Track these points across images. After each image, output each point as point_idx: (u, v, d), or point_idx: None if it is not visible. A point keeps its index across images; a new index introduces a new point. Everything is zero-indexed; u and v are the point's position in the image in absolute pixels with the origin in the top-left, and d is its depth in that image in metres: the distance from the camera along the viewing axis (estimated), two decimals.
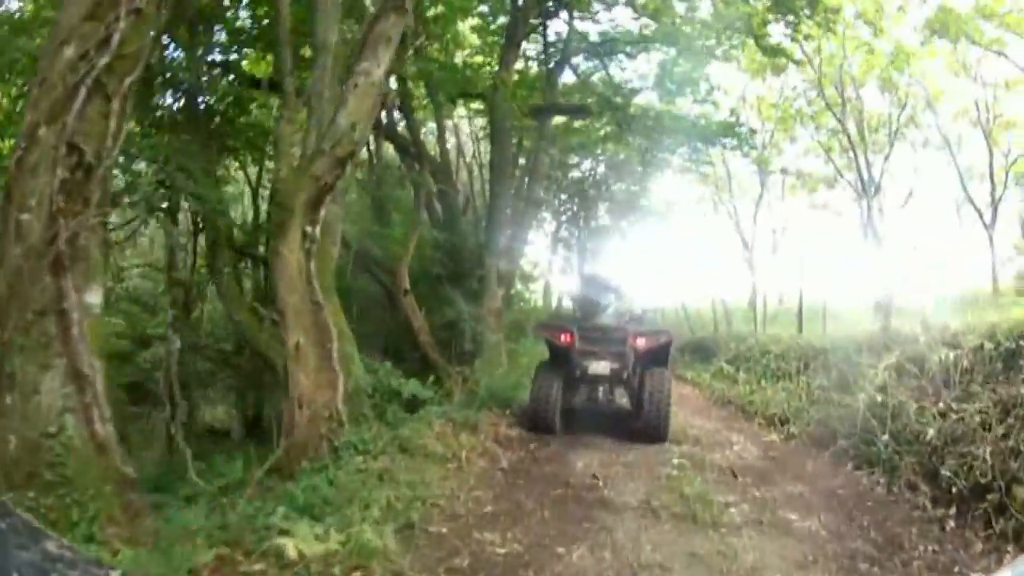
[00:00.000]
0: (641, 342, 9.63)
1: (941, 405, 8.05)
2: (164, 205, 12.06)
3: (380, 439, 7.51)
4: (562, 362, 9.76)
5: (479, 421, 8.68)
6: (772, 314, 17.25)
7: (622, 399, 10.29)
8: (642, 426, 9.20)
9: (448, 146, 20.11)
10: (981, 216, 23.16)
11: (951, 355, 8.51)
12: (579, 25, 17.29)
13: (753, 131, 21.40)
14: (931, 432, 7.48)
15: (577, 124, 20.57)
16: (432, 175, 15.06)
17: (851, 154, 23.46)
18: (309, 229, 7.88)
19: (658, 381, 9.31)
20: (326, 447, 7.27)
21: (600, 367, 9.46)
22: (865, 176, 23.06)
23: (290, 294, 7.65)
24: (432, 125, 18.15)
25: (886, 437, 7.98)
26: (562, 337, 9.71)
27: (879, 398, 8.55)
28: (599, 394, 10.16)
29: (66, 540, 1.23)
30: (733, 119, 20.56)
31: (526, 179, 17.41)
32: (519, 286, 18.27)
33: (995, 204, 22.88)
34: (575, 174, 23.88)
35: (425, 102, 17.14)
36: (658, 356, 9.94)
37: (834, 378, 10.18)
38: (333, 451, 7.18)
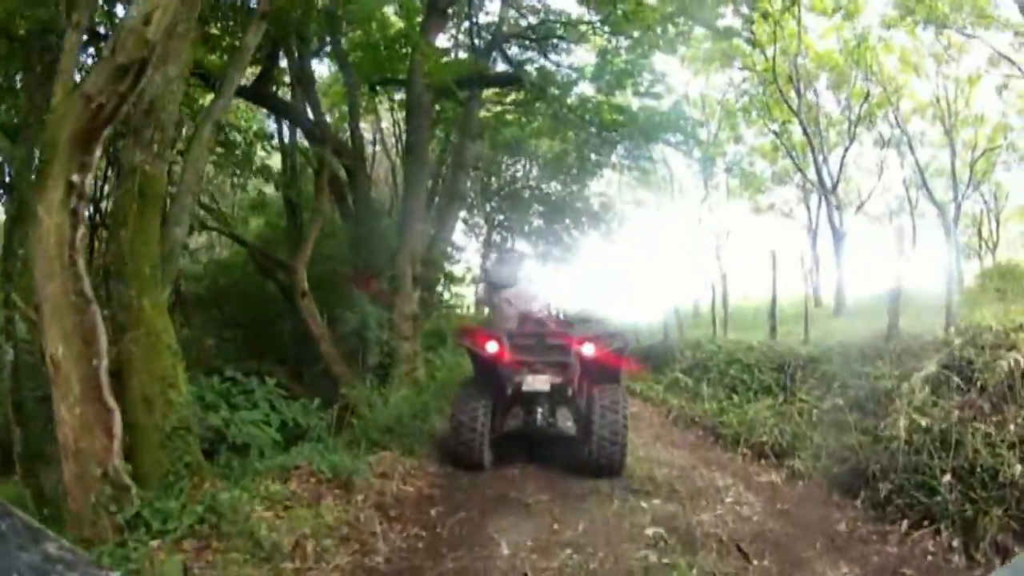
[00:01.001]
0: (588, 349, 6.85)
1: (1014, 428, 5.30)
2: None
3: (192, 511, 4.48)
4: (490, 378, 7.02)
5: (359, 471, 5.48)
6: (732, 316, 14.45)
7: (567, 422, 7.34)
8: (592, 457, 6.54)
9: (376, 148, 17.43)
10: (943, 213, 21.08)
11: (1014, 360, 5.85)
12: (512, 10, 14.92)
13: (700, 123, 19.17)
14: (1016, 468, 4.86)
15: (510, 116, 17.73)
16: (339, 155, 11.97)
17: (806, 149, 21.10)
18: (76, 178, 4.80)
19: (610, 400, 6.72)
20: (108, 524, 4.34)
21: (538, 383, 6.74)
22: (823, 172, 20.63)
23: (48, 280, 4.64)
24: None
25: (949, 478, 5.20)
26: (488, 346, 6.90)
27: (923, 422, 5.75)
28: (537, 417, 7.03)
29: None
30: (678, 112, 18.19)
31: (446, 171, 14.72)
32: (442, 289, 15.14)
33: (959, 201, 20.83)
34: (507, 174, 21.02)
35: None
36: (609, 368, 7.20)
37: (839, 394, 7.36)
38: (117, 530, 4.29)
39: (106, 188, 10.78)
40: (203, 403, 6.54)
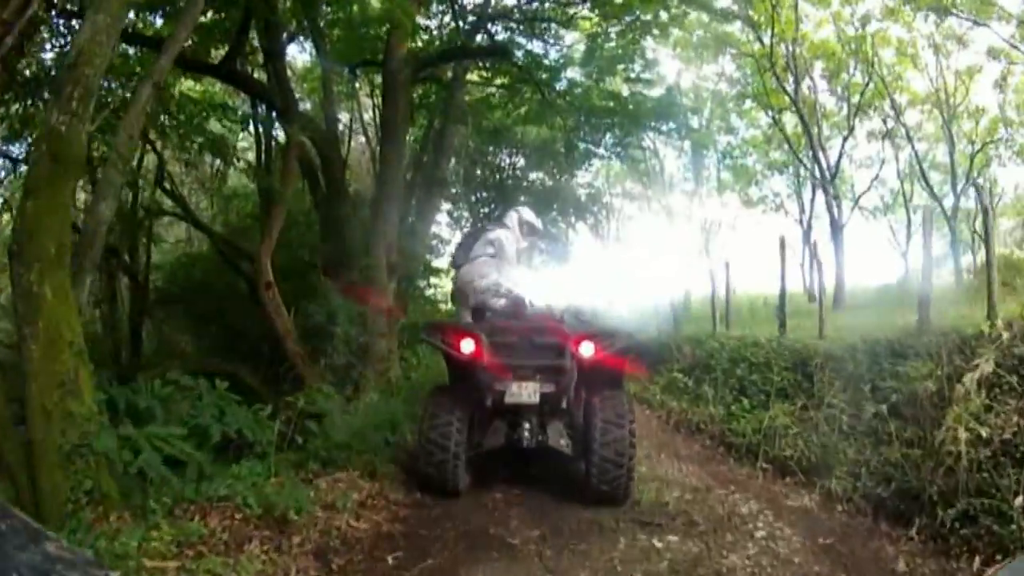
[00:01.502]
0: (587, 349, 5.49)
1: None
2: None
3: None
4: (466, 384, 5.71)
5: (299, 503, 4.26)
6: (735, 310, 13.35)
7: (560, 439, 5.62)
8: (592, 482, 5.24)
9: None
10: (941, 206, 20.09)
11: None
12: None
13: (694, 110, 18.12)
14: None
15: (495, 101, 16.50)
16: (311, 136, 10.79)
17: (800, 140, 20.08)
18: None
19: (614, 412, 5.39)
20: None
21: (525, 392, 5.36)
22: (821, 161, 19.52)
23: None
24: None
25: (1021, 500, 4.13)
26: (463, 345, 5.52)
27: (983, 432, 4.67)
28: (524, 434, 5.50)
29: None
30: (670, 98, 17.20)
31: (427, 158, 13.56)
32: (424, 283, 13.95)
33: (958, 194, 19.82)
34: (493, 163, 19.73)
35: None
36: (610, 372, 5.90)
37: (871, 398, 6.26)
38: None
39: None
40: (132, 412, 5.38)
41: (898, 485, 5.01)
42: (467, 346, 5.43)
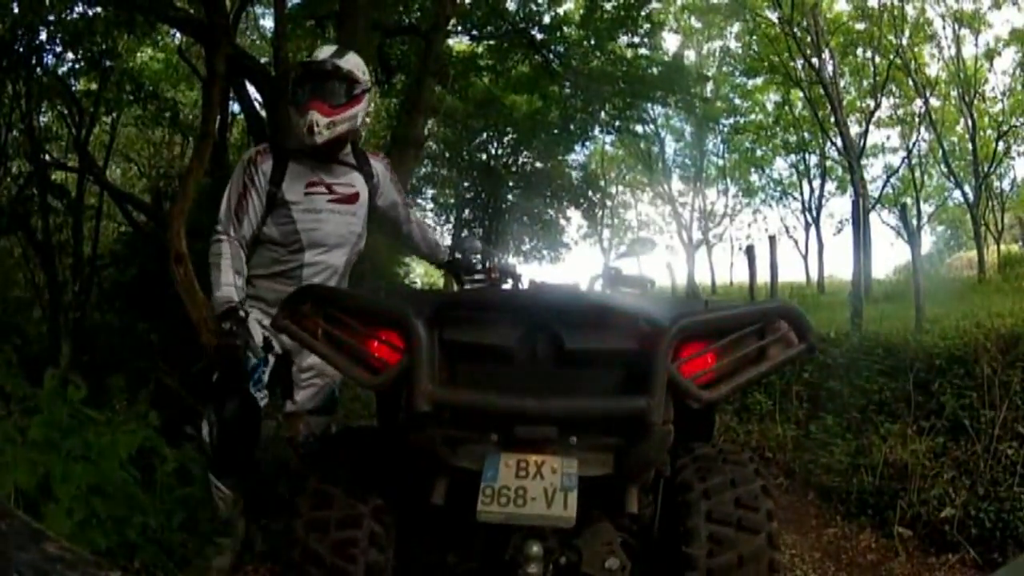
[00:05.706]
0: (706, 366, 1.82)
1: None
2: None
3: None
4: (396, 442, 1.98)
5: None
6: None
7: (606, 554, 1.87)
8: None
9: None
10: (965, 196, 18.05)
11: None
12: None
13: (706, 76, 15.82)
14: None
15: (482, 62, 14.02)
16: (250, 77, 8.42)
17: (813, 121, 18.00)
18: None
19: (732, 504, 1.92)
20: None
21: (534, 492, 1.69)
22: (847, 137, 17.29)
23: None
24: None
25: None
26: (371, 347, 1.89)
27: None
28: (528, 563, 1.76)
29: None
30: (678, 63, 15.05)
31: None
32: (398, 268, 11.41)
33: (979, 183, 17.69)
34: (478, 141, 17.44)
35: None
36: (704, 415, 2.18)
37: None
38: None
39: None
40: None
41: None
42: (380, 350, 1.87)
